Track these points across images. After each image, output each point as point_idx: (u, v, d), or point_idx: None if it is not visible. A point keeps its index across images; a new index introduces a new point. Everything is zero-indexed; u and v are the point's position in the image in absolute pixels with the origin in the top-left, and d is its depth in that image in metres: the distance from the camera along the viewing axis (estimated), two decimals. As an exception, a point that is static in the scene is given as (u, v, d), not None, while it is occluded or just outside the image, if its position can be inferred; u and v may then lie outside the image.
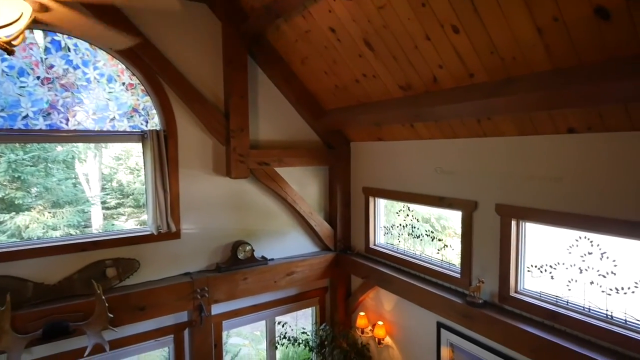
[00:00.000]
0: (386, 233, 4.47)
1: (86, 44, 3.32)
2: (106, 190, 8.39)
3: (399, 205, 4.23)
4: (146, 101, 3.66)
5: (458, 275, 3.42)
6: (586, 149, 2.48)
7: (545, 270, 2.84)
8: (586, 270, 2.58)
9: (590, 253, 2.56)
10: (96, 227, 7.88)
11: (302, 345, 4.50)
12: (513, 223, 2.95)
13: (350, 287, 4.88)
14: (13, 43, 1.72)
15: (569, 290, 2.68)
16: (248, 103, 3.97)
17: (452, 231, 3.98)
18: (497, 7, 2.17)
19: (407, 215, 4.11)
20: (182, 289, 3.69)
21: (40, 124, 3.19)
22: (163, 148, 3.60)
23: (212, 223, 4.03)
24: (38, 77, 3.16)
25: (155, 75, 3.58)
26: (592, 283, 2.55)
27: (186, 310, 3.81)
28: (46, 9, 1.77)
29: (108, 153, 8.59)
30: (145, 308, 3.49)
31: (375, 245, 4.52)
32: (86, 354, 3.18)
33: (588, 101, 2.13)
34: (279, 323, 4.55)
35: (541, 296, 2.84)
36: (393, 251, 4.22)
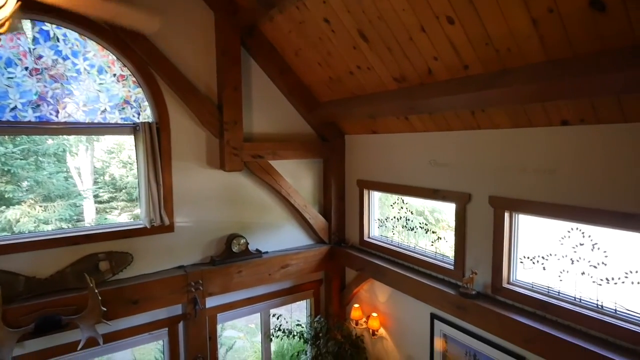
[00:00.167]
0: (380, 225, 4.48)
1: (75, 34, 3.25)
2: (99, 184, 8.31)
3: (393, 197, 4.24)
4: (138, 93, 3.61)
5: (451, 267, 3.45)
6: (579, 141, 2.49)
7: (537, 261, 2.87)
8: (577, 261, 2.61)
9: (581, 244, 2.59)
10: (89, 221, 7.81)
11: (297, 337, 4.52)
12: (506, 215, 2.97)
13: (344, 280, 4.90)
14: (-1, 30, 1.67)
15: (561, 281, 2.71)
16: (242, 95, 3.93)
17: (446, 224, 4.00)
18: (493, -2, 2.16)
19: (402, 207, 4.12)
20: (176, 282, 3.68)
21: (29, 116, 3.13)
22: (155, 140, 3.56)
23: (206, 216, 4.01)
24: (26, 68, 3.10)
25: (146, 66, 3.52)
26: (583, 274, 2.58)
27: (180, 303, 3.81)
28: None
29: (100, 146, 8.50)
30: (138, 301, 3.48)
31: (369, 237, 4.53)
32: (79, 348, 3.17)
33: (582, 93, 2.13)
34: (274, 315, 4.57)
35: (533, 287, 2.87)
36: (387, 244, 4.24)
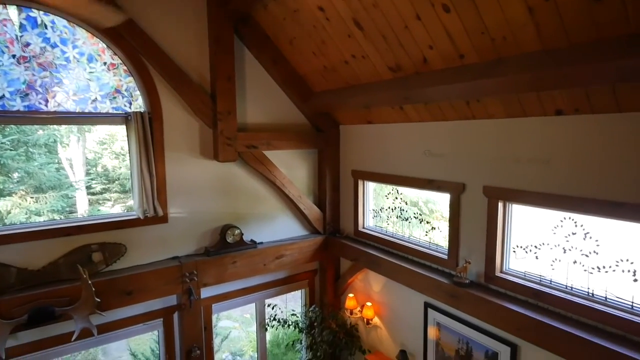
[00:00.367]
0: (375, 216, 4.49)
1: (64, 21, 3.18)
2: (91, 175, 8.23)
3: (388, 188, 4.24)
4: (129, 82, 3.55)
5: (445, 256, 3.47)
6: (573, 131, 2.50)
7: (530, 250, 2.90)
8: (570, 250, 2.64)
9: (574, 233, 2.61)
10: (81, 213, 7.75)
11: (292, 326, 4.55)
12: (500, 205, 2.98)
13: (339, 270, 4.92)
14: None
15: (553, 269, 2.74)
16: (235, 85, 3.88)
17: (440, 214, 4.02)
18: (489, -15, 2.13)
19: (396, 198, 4.13)
20: (171, 273, 3.67)
21: (17, 105, 3.07)
22: (148, 130, 3.51)
23: (200, 207, 3.99)
24: (14, 56, 3.02)
25: (137, 54, 3.46)
26: (575, 262, 2.61)
27: (175, 294, 3.80)
28: None
29: (92, 137, 8.39)
30: (133, 292, 3.47)
31: (364, 228, 4.55)
32: (74, 339, 3.16)
33: (577, 82, 2.13)
34: (269, 305, 4.59)
35: (526, 276, 2.90)
36: (382, 234, 4.26)
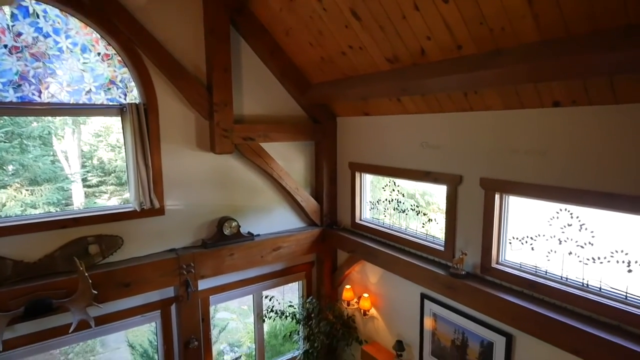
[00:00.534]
0: (372, 208, 4.50)
1: (56, 10, 3.12)
2: (87, 167, 8.17)
3: (385, 180, 4.24)
4: (124, 73, 3.50)
5: (442, 248, 3.49)
6: (570, 123, 2.50)
7: (526, 242, 2.91)
8: (565, 241, 2.66)
9: (570, 225, 2.63)
10: (77, 205, 7.71)
11: (290, 318, 4.58)
12: (497, 196, 2.99)
13: (336, 261, 4.94)
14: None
15: (548, 260, 2.76)
16: (231, 76, 3.84)
17: (436, 207, 4.03)
18: (488, -25, 2.11)
19: (393, 190, 4.13)
20: (168, 265, 3.67)
21: (10, 96, 3.02)
22: (143, 122, 3.48)
23: (197, 199, 3.98)
24: (5, 46, 2.97)
25: (132, 45, 3.41)
26: (571, 253, 2.63)
27: (172, 286, 3.81)
28: None
29: (87, 129, 8.32)
30: (130, 284, 3.47)
31: (361, 220, 4.55)
32: (71, 330, 3.16)
33: (575, 73, 2.12)
34: (266, 297, 4.61)
35: (521, 267, 2.93)
36: (379, 226, 4.27)
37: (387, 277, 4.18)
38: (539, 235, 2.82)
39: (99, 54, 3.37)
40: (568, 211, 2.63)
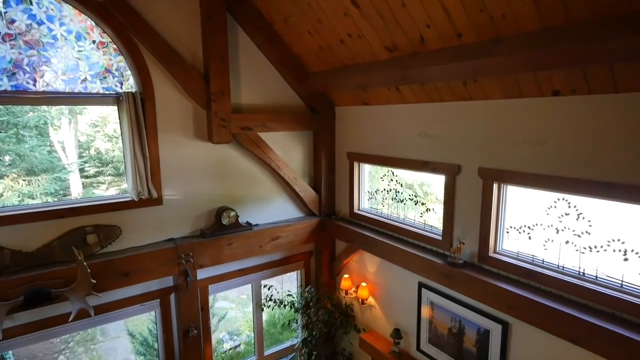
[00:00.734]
0: (370, 198, 4.50)
1: (50, -3, 3.07)
2: (84, 157, 8.14)
3: (383, 170, 4.24)
4: (119, 61, 3.46)
5: (440, 237, 3.50)
6: (570, 112, 2.48)
7: (523, 231, 2.93)
8: (562, 230, 2.67)
9: (567, 214, 2.64)
10: (75, 195, 7.70)
11: (288, 306, 4.62)
12: (495, 186, 2.99)
13: (334, 251, 4.96)
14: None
15: (545, 249, 2.78)
16: (229, 65, 3.80)
17: (434, 197, 4.04)
18: (489, -40, 2.08)
19: (391, 180, 4.13)
20: (167, 255, 3.67)
21: (4, 85, 2.98)
22: (140, 111, 3.45)
23: (195, 189, 3.97)
24: (-2, 33, 2.93)
25: (127, 32, 3.36)
26: (568, 242, 2.65)
27: (171, 275, 3.82)
28: None
29: (83, 119, 8.26)
30: (129, 274, 3.48)
31: (359, 210, 4.56)
32: (71, 319, 3.18)
33: (576, 61, 2.10)
34: (265, 286, 4.64)
35: (518, 256, 2.94)
36: (377, 215, 4.28)
37: (385, 267, 4.21)
38: (537, 224, 2.83)
39: (94, 42, 3.32)
40: (566, 200, 2.63)
